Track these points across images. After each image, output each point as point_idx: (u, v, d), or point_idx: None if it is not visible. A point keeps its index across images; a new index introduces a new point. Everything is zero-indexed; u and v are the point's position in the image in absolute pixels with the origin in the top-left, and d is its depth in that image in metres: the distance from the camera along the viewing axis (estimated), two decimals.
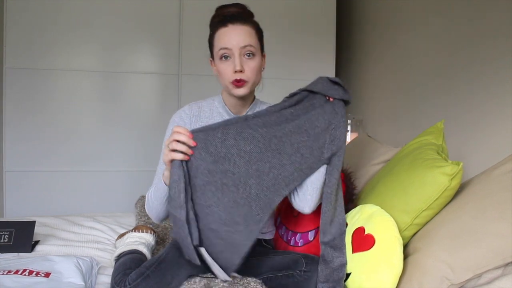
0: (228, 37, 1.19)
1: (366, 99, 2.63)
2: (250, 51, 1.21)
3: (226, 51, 1.19)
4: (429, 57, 1.98)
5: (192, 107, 1.33)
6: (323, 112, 1.16)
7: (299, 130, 1.14)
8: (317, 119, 1.15)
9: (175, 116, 1.32)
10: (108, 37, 2.39)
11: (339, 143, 1.15)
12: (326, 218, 1.15)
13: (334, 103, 1.17)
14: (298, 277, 1.13)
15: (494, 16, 1.57)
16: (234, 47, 1.19)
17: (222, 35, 1.20)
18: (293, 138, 1.14)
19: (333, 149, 1.15)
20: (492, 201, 1.02)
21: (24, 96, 2.31)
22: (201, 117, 1.32)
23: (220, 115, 1.32)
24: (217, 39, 1.22)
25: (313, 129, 1.14)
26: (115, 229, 1.73)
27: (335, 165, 1.15)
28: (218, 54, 1.21)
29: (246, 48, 1.20)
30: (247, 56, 1.21)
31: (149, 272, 1.14)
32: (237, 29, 1.20)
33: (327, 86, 1.18)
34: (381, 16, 2.46)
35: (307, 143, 1.14)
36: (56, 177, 2.38)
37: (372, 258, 1.05)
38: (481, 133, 1.62)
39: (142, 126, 2.48)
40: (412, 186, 1.13)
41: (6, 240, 1.43)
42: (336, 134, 1.15)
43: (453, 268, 0.97)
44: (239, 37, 1.19)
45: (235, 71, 1.19)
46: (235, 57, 1.19)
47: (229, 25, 1.20)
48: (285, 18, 2.56)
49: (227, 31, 1.20)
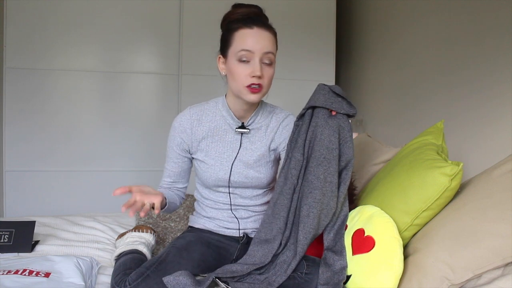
0: (252, 40, 1.16)
1: (366, 99, 2.62)
2: (270, 59, 1.19)
3: (247, 54, 1.16)
4: (429, 57, 1.98)
5: (193, 110, 1.31)
6: (329, 129, 1.15)
7: (319, 161, 1.14)
8: (330, 141, 1.15)
9: (175, 122, 1.31)
10: (108, 37, 2.39)
11: (348, 158, 1.17)
12: (330, 229, 1.17)
13: (338, 118, 1.16)
14: (300, 279, 1.13)
15: (494, 16, 1.57)
16: (257, 51, 1.16)
17: (246, 36, 1.16)
18: (318, 171, 1.14)
19: (342, 164, 1.17)
20: (492, 201, 1.02)
21: (24, 96, 2.31)
22: (202, 121, 1.30)
23: (223, 118, 1.30)
24: (238, 39, 1.17)
25: (330, 152, 1.14)
26: (115, 229, 1.73)
27: (343, 179, 1.18)
28: (237, 55, 1.17)
29: (267, 54, 1.18)
30: (267, 63, 1.18)
31: (149, 272, 1.14)
32: (262, 33, 1.17)
33: (329, 98, 1.17)
34: (381, 16, 2.46)
35: (330, 168, 1.14)
36: (56, 177, 2.38)
37: (372, 260, 1.05)
38: (481, 133, 1.62)
39: (142, 126, 2.48)
40: (412, 186, 1.13)
41: (6, 240, 1.43)
42: (344, 150, 1.16)
43: (453, 268, 0.97)
44: (264, 42, 1.16)
45: (253, 75, 1.16)
46: (255, 61, 1.16)
47: (254, 28, 1.17)
48: (285, 18, 2.56)
49: (252, 33, 1.16)
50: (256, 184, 1.31)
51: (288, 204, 1.18)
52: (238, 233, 1.33)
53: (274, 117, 1.34)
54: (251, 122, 1.31)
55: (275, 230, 1.18)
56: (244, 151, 1.30)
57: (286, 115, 1.35)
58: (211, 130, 1.30)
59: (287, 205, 1.18)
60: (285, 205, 1.18)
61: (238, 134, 1.30)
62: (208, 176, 1.30)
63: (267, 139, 1.32)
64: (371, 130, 2.50)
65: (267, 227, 1.20)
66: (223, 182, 1.30)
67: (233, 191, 1.31)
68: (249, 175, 1.30)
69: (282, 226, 1.18)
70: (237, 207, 1.33)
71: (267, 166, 1.32)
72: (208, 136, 1.30)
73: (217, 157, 1.30)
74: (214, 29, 1.32)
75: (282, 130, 1.32)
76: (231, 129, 1.30)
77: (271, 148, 1.32)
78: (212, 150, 1.30)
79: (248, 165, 1.30)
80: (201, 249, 1.27)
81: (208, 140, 1.30)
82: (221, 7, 1.35)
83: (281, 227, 1.18)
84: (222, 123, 1.30)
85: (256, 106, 1.31)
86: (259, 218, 1.35)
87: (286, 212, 1.18)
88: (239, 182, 1.30)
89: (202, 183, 1.34)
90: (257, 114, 1.32)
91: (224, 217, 1.34)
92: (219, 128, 1.30)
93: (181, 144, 1.31)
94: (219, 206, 1.34)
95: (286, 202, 1.18)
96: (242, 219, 1.33)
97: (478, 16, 1.66)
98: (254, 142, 1.31)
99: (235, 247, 1.31)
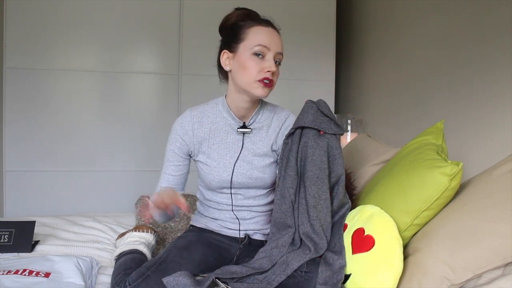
0: (270, 37, 1.20)
1: (366, 99, 2.63)
2: (280, 59, 1.24)
3: (264, 49, 1.19)
4: (429, 57, 1.98)
5: (193, 112, 1.31)
6: (320, 149, 1.20)
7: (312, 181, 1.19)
8: (321, 161, 1.19)
9: (176, 124, 1.31)
10: (108, 37, 2.39)
11: (338, 174, 1.22)
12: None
13: (327, 137, 1.21)
14: (299, 277, 1.13)
15: (494, 16, 1.57)
16: (273, 49, 1.20)
17: (263, 33, 1.20)
18: (312, 190, 1.19)
19: (333, 181, 1.22)
20: (492, 201, 1.02)
21: (24, 96, 2.31)
22: (203, 123, 1.30)
23: (224, 119, 1.30)
24: (254, 34, 1.20)
25: (323, 172, 1.19)
26: (115, 229, 1.73)
27: (336, 193, 1.23)
28: (254, 49, 1.19)
29: (279, 55, 1.23)
30: (278, 62, 1.23)
31: (149, 272, 1.14)
32: (276, 34, 1.23)
33: (317, 118, 1.22)
34: (381, 16, 2.46)
35: (324, 187, 1.19)
36: (56, 177, 2.38)
37: (372, 259, 1.05)
38: (481, 133, 1.62)
39: (142, 126, 2.48)
40: (412, 186, 1.13)
41: (6, 240, 1.43)
42: (334, 167, 1.22)
43: (453, 268, 0.97)
44: (279, 42, 1.22)
45: (268, 70, 1.19)
46: (270, 57, 1.20)
47: (269, 27, 1.22)
48: (285, 18, 2.56)
49: (267, 31, 1.21)
50: (260, 185, 1.31)
51: (291, 223, 1.22)
52: (239, 234, 1.33)
53: (275, 117, 1.34)
54: (252, 122, 1.31)
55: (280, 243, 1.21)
56: (246, 152, 1.30)
57: (287, 115, 1.35)
58: (212, 132, 1.30)
59: (290, 223, 1.22)
60: (288, 224, 1.22)
61: (240, 135, 1.30)
62: (212, 178, 1.29)
63: (269, 139, 1.32)
64: (371, 130, 2.50)
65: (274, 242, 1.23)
66: (226, 183, 1.29)
67: (236, 191, 1.31)
68: (253, 175, 1.29)
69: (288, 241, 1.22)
70: (240, 208, 1.32)
71: (271, 166, 1.32)
72: (210, 138, 1.30)
73: (219, 159, 1.29)
74: (214, 29, 1.32)
75: (284, 132, 1.32)
76: (232, 129, 1.30)
77: (273, 149, 1.32)
78: (214, 152, 1.30)
79: (252, 166, 1.29)
80: (202, 249, 1.26)
81: (210, 142, 1.30)
82: (221, 7, 1.36)
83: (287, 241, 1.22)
84: (223, 124, 1.30)
85: (257, 105, 1.31)
86: (262, 219, 1.34)
87: (292, 231, 1.22)
88: (243, 183, 1.29)
89: (206, 185, 1.33)
90: (258, 113, 1.32)
91: (227, 218, 1.33)
92: (220, 129, 1.30)
93: (182, 147, 1.30)
94: (222, 207, 1.33)
95: (289, 221, 1.22)
96: (245, 220, 1.33)
97: (478, 16, 1.66)
98: (256, 142, 1.31)
99: (237, 247, 1.31)
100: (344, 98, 2.92)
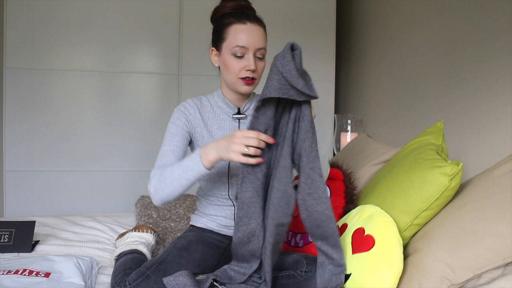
0: (247, 37, 1.20)
1: (366, 99, 2.63)
2: (262, 53, 1.25)
3: (242, 50, 1.21)
4: (429, 57, 1.98)
5: (194, 100, 1.36)
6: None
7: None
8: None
9: (180, 106, 1.34)
10: (108, 37, 2.39)
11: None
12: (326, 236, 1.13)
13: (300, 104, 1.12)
14: (299, 277, 1.13)
15: (494, 16, 1.57)
16: (251, 47, 1.21)
17: (240, 32, 1.21)
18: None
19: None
20: (492, 201, 1.02)
21: (24, 96, 2.31)
22: (202, 111, 1.34)
23: (220, 108, 1.35)
24: (233, 35, 1.21)
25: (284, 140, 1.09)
26: (115, 229, 1.73)
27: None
28: (232, 50, 1.21)
29: (260, 50, 1.23)
30: (259, 57, 1.24)
31: (149, 272, 1.14)
32: (255, 29, 1.22)
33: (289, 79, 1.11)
34: (381, 16, 2.46)
35: (283, 152, 1.08)
36: (56, 177, 2.38)
37: (372, 259, 1.05)
38: (481, 133, 1.62)
39: (142, 126, 2.48)
40: (412, 186, 1.13)
41: (6, 240, 1.43)
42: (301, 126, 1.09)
43: (453, 268, 0.97)
44: (257, 38, 1.22)
45: (248, 69, 1.21)
46: (249, 56, 1.21)
47: (247, 23, 1.21)
48: (285, 18, 2.56)
49: (245, 30, 1.21)
50: None
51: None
52: None
53: None
54: (246, 109, 1.36)
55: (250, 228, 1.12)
56: None
57: None
58: (210, 120, 1.34)
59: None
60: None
61: (236, 121, 1.34)
62: None
63: None
64: (371, 130, 2.50)
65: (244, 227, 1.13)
66: (224, 168, 1.31)
67: (234, 180, 1.32)
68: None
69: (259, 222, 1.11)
70: None
71: None
72: (208, 126, 1.33)
73: None
74: None
75: None
76: (228, 117, 1.34)
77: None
78: (212, 138, 1.32)
79: None
80: (202, 249, 1.27)
81: (208, 129, 1.33)
82: None
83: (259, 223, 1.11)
84: (219, 113, 1.35)
85: (249, 94, 1.35)
86: None
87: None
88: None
89: None
90: (251, 100, 1.36)
91: (227, 215, 1.34)
92: (217, 117, 1.34)
93: (185, 124, 1.31)
94: (221, 202, 1.34)
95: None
96: None
97: (478, 16, 1.66)
98: None
99: None
100: (344, 98, 2.92)
